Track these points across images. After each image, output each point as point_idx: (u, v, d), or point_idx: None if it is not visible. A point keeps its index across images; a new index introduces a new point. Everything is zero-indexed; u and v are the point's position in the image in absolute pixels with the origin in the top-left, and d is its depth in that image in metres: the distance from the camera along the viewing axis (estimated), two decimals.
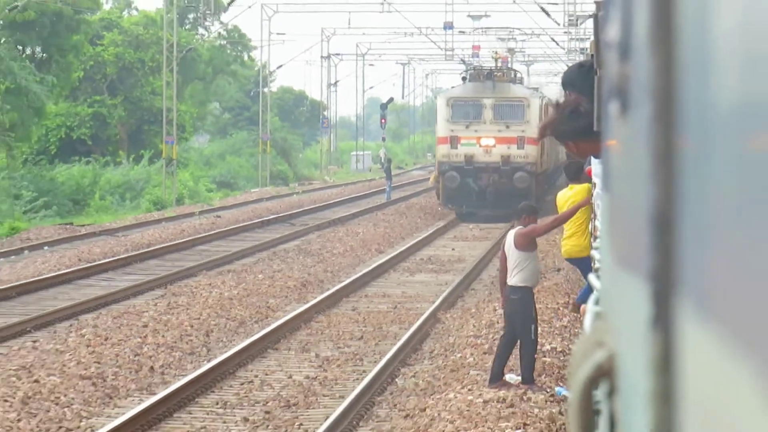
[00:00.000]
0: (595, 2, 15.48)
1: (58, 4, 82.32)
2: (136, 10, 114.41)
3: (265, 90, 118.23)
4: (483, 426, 20.11)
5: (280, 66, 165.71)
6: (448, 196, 50.14)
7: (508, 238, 23.51)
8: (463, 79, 52.71)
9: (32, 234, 59.37)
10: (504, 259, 23.62)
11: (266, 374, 26.34)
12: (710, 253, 1.92)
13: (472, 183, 48.29)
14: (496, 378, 23.39)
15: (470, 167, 47.62)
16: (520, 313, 22.87)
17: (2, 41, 65.71)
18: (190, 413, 22.59)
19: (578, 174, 23.96)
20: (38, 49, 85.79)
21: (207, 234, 58.66)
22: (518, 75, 55.26)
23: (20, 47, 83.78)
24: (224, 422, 21.99)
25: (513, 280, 22.86)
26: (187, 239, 55.66)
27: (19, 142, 78.25)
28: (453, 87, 54.43)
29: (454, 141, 47.80)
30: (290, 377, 25.89)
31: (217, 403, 23.52)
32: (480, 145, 47.19)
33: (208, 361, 26.89)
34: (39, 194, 73.73)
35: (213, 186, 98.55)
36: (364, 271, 42.89)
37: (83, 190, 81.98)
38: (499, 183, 47.57)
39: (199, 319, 32.42)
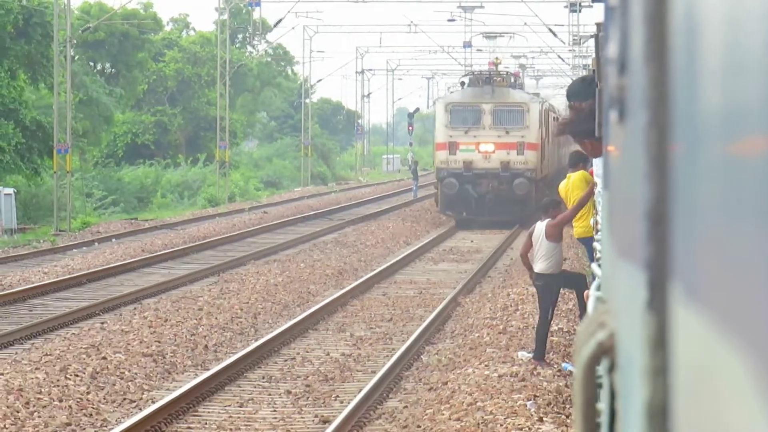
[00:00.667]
0: (596, 24, 14.95)
1: (124, 25, 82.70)
2: (194, 30, 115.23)
3: (307, 101, 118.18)
4: (498, 398, 20.11)
5: (320, 80, 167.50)
6: (446, 203, 47.21)
7: (537, 229, 23.09)
8: (462, 83, 49.63)
9: (101, 228, 59.27)
10: (529, 246, 23.01)
11: (307, 352, 26.30)
12: (699, 245, 1.91)
13: (471, 190, 45.40)
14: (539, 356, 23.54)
15: (469, 174, 44.84)
16: (541, 297, 23.00)
17: (76, 58, 65.56)
18: (240, 386, 22.61)
19: (578, 163, 23.63)
20: (107, 65, 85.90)
21: (255, 228, 58.59)
22: (518, 80, 52.46)
23: (92, 63, 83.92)
24: (269, 395, 21.96)
25: (538, 267, 22.82)
26: (238, 232, 55.43)
27: (90, 147, 78.27)
28: (451, 92, 51.71)
29: (452, 147, 44.99)
30: (328, 354, 25.91)
31: (263, 378, 23.57)
32: (479, 151, 44.46)
33: (256, 340, 26.86)
34: (108, 193, 73.65)
35: (261, 185, 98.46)
36: (394, 260, 42.68)
37: (146, 189, 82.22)
38: (499, 190, 44.73)
39: (247, 303, 32.41)
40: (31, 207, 57.97)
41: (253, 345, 26.07)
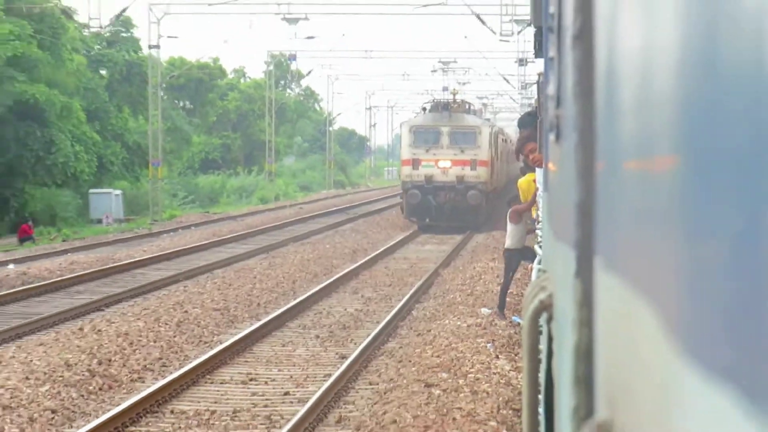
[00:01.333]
0: (538, 73, 14.43)
1: (199, 73, 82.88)
2: (249, 77, 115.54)
3: (330, 129, 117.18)
4: (466, 341, 20.11)
5: (339, 114, 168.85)
6: (410, 211, 43.89)
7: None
8: (424, 109, 46.28)
9: (183, 219, 59.02)
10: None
11: (330, 307, 26.05)
12: (613, 231, 1.91)
13: (431, 200, 42.43)
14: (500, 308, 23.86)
15: (430, 186, 41.83)
16: (506, 266, 22.82)
17: (165, 97, 65.98)
18: (282, 332, 22.60)
19: (526, 171, 21.56)
20: (187, 102, 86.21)
21: (293, 219, 58.03)
22: (472, 107, 49.04)
23: (176, 101, 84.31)
24: (303, 338, 21.94)
25: (506, 244, 22.69)
26: (281, 222, 54.97)
27: (175, 161, 78.29)
28: (415, 116, 48.01)
29: (415, 163, 41.99)
30: (345, 309, 25.71)
31: (299, 326, 23.48)
32: (438, 167, 41.47)
33: (294, 299, 26.60)
34: (188, 193, 73.49)
35: (297, 189, 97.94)
36: (392, 243, 42.55)
37: (215, 191, 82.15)
38: (455, 200, 41.95)
39: (288, 273, 32.23)
40: (133, 204, 57.58)
41: (292, 303, 25.88)
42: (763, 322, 0.82)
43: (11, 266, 32.94)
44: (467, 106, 46.49)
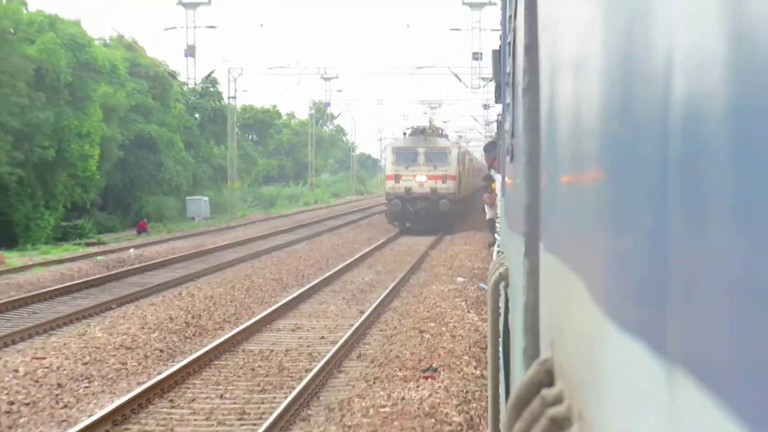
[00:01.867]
0: (497, 114, 14.53)
1: (263, 116, 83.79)
2: (296, 118, 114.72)
3: (353, 153, 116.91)
4: (447, 300, 20.02)
5: (360, 143, 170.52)
6: (393, 217, 39.82)
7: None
8: (404, 134, 42.09)
9: (251, 217, 58.76)
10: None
11: (353, 278, 26.02)
12: (551, 224, 1.89)
13: (410, 207, 38.62)
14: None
15: (408, 196, 38.17)
16: (492, 230, 22.58)
17: (239, 132, 67.41)
18: (319, 295, 22.45)
19: (492, 149, 20.94)
20: (254, 135, 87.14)
21: (328, 216, 57.83)
22: (443, 131, 44.58)
23: (247, 135, 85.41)
24: (334, 299, 21.79)
25: (487, 216, 22.79)
26: (320, 219, 54.74)
27: (246, 176, 78.91)
28: (396, 140, 43.11)
29: (397, 178, 38.18)
30: (363, 279, 25.67)
31: (331, 291, 23.32)
32: (415, 181, 37.99)
33: (328, 272, 26.54)
34: (254, 199, 73.50)
35: (331, 196, 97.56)
36: (396, 232, 41.72)
37: (273, 197, 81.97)
38: (429, 208, 38.19)
39: (323, 254, 32.27)
40: (216, 206, 57.30)
41: (326, 274, 25.87)
42: (654, 284, 0.80)
43: (132, 250, 33.00)
44: (440, 131, 43.18)
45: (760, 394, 0.47)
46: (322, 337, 17.38)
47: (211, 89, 59.62)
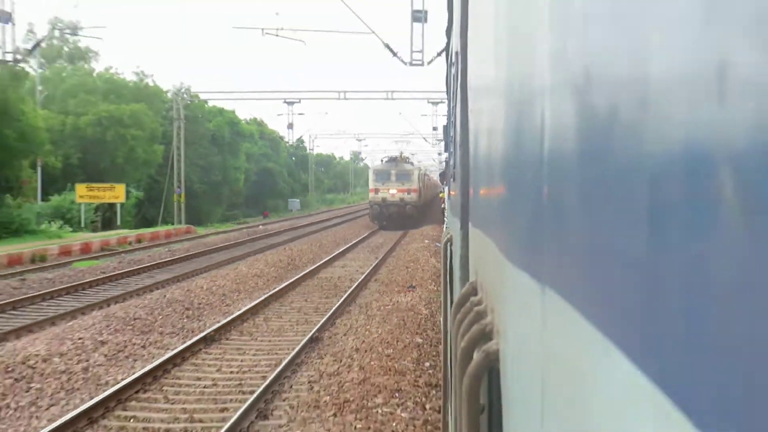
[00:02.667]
0: (447, 157, 13.37)
1: (326, 158, 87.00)
2: (344, 158, 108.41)
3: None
4: (420, 252, 21.63)
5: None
6: (373, 218, 38.55)
7: None
8: (382, 160, 41.43)
9: (320, 210, 62.33)
10: None
11: (370, 243, 26.88)
12: (476, 212, 1.95)
13: (385, 211, 38.06)
14: None
15: (385, 204, 37.80)
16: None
17: (315, 167, 76.58)
18: (354, 251, 23.49)
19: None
20: (323, 168, 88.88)
21: (357, 210, 58.62)
22: (409, 159, 43.52)
23: (320, 167, 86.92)
24: (361, 252, 23.06)
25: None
26: (353, 212, 56.45)
27: (317, 189, 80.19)
28: (376, 164, 41.84)
29: (377, 191, 38.08)
30: (376, 242, 26.96)
31: (361, 248, 24.32)
32: (389, 193, 37.70)
33: (357, 238, 27.72)
34: (322, 202, 77.09)
35: (361, 199, 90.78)
36: (378, 227, 39.41)
37: (332, 200, 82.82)
38: (399, 211, 37.70)
39: (355, 230, 33.87)
40: (303, 204, 64.23)
41: (356, 240, 26.64)
42: (527, 240, 0.88)
43: (260, 227, 36.39)
44: (407, 159, 42.18)
45: (600, 297, 0.50)
46: (357, 270, 17.97)
47: (301, 145, 70.56)
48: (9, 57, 17.63)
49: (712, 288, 0.28)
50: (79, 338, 9.92)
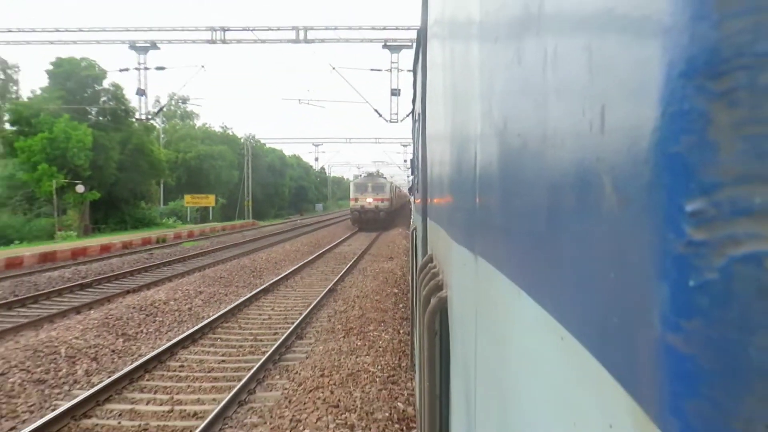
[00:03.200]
0: (413, 177, 12.19)
1: (339, 179, 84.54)
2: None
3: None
4: (396, 237, 22.99)
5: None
6: (353, 221, 34.62)
7: None
8: (360, 175, 40.34)
9: (338, 210, 66.30)
10: None
11: (345, 248, 28.81)
12: (431, 211, 1.87)
13: (363, 216, 34.33)
14: None
15: (363, 210, 34.47)
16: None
17: (332, 185, 73.63)
18: (351, 240, 25.55)
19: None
20: (337, 185, 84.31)
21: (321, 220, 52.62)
22: (383, 175, 41.90)
23: (335, 185, 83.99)
24: (361, 237, 25.15)
25: None
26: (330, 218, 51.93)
27: (333, 197, 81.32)
28: (356, 178, 37.22)
29: (356, 199, 35.05)
30: (351, 246, 28.50)
31: (347, 245, 26.52)
32: (366, 201, 34.74)
33: (342, 237, 29.60)
34: (339, 207, 79.29)
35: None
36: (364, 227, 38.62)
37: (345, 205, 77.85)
38: (374, 217, 34.21)
39: (342, 230, 34.50)
40: (325, 207, 70.96)
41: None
42: (460, 226, 0.87)
43: (298, 221, 40.57)
44: (381, 174, 39.23)
45: (513, 259, 0.52)
46: (357, 248, 19.18)
47: (323, 171, 75.98)
48: (143, 117, 23.87)
49: (591, 251, 0.31)
50: (186, 289, 11.56)
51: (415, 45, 3.44)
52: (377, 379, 5.75)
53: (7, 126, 23.78)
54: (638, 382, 0.26)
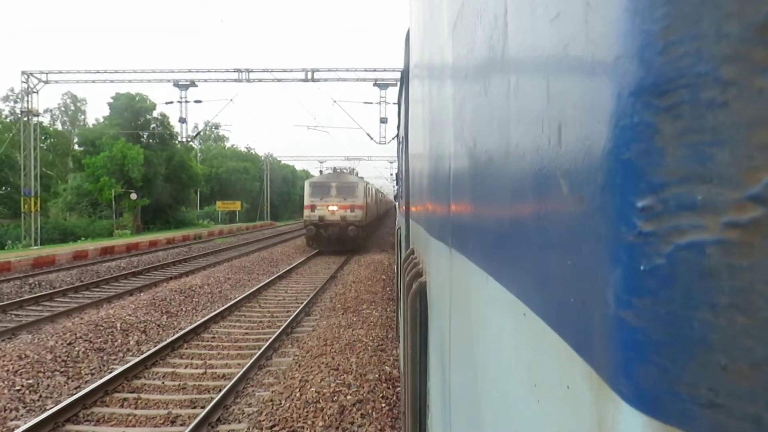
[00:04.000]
0: (397, 186, 11.76)
1: None
2: None
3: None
4: (385, 236, 19.83)
5: None
6: (310, 240, 19.07)
7: None
8: (320, 172, 21.38)
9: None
10: None
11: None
12: (414, 213, 1.73)
13: (323, 233, 17.70)
14: None
15: (322, 223, 16.72)
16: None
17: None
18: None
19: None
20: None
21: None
22: (354, 170, 21.46)
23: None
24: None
25: None
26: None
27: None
28: (314, 177, 20.60)
29: (313, 207, 17.45)
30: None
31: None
32: (328, 210, 16.77)
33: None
34: None
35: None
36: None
37: None
38: (339, 233, 17.64)
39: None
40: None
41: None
42: (427, 218, 0.81)
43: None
44: (351, 171, 19.78)
45: (480, 249, 0.48)
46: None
47: None
48: (184, 140, 24.54)
49: (549, 243, 0.30)
50: (217, 276, 11.60)
51: (399, 83, 3.42)
52: (369, 348, 5.80)
53: (77, 147, 25.13)
54: (593, 350, 0.25)
